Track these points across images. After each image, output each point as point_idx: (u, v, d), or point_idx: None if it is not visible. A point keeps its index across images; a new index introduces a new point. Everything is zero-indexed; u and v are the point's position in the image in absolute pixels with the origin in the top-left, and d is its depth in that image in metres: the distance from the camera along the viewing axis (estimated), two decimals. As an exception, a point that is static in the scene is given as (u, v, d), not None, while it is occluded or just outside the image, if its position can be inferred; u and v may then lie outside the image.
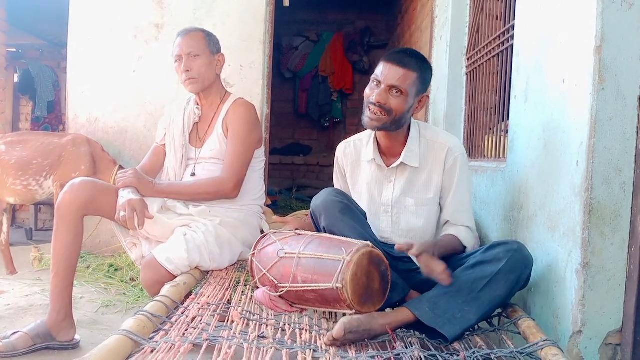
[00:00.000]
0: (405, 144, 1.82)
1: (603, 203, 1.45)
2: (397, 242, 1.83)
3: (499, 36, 2.52)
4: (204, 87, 2.13)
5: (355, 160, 1.95)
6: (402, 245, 1.53)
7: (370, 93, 1.75)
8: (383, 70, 1.73)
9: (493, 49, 2.62)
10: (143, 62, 3.71)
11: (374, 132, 1.86)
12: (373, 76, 1.76)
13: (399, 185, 1.85)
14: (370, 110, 1.74)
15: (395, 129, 1.78)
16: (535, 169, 1.82)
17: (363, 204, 1.87)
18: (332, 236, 1.65)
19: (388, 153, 1.87)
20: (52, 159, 3.20)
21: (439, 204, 1.86)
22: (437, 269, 1.51)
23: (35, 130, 5.42)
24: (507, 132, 2.26)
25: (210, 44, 2.13)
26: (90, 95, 3.74)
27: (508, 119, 2.22)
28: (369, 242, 1.56)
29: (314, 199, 1.79)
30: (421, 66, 1.74)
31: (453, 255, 1.75)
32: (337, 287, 1.46)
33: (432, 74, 1.81)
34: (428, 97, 1.82)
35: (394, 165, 1.83)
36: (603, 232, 1.46)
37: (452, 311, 1.50)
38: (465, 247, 1.78)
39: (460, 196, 1.82)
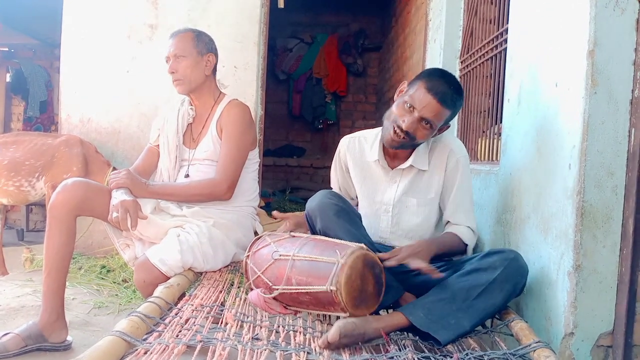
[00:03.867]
0: (414, 149, 1.83)
1: (595, 206, 1.47)
2: (396, 242, 1.86)
3: (493, 40, 2.54)
4: (190, 88, 2.12)
5: (358, 157, 1.95)
6: (383, 255, 1.59)
7: (401, 116, 1.71)
8: (422, 99, 1.68)
9: (486, 52, 2.63)
10: (137, 63, 3.70)
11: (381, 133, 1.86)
12: (407, 98, 1.70)
13: (402, 186, 1.86)
14: (395, 132, 1.72)
15: (409, 148, 1.80)
16: (528, 172, 1.83)
17: (364, 202, 1.87)
18: (326, 238, 1.65)
19: (393, 155, 1.87)
20: (44, 159, 3.18)
21: (439, 204, 1.88)
22: (421, 267, 1.55)
23: (28, 130, 5.38)
24: (499, 135, 2.27)
25: (198, 44, 2.10)
26: (83, 96, 3.72)
27: (501, 122, 2.23)
28: (363, 245, 1.56)
29: (309, 201, 1.79)
30: (456, 103, 1.73)
31: (453, 255, 1.78)
32: (331, 290, 1.46)
33: (462, 106, 1.80)
34: (449, 127, 1.81)
35: (402, 167, 1.85)
36: (595, 234, 1.47)
37: (446, 318, 1.50)
38: (466, 245, 1.80)
39: (461, 197, 1.84)
